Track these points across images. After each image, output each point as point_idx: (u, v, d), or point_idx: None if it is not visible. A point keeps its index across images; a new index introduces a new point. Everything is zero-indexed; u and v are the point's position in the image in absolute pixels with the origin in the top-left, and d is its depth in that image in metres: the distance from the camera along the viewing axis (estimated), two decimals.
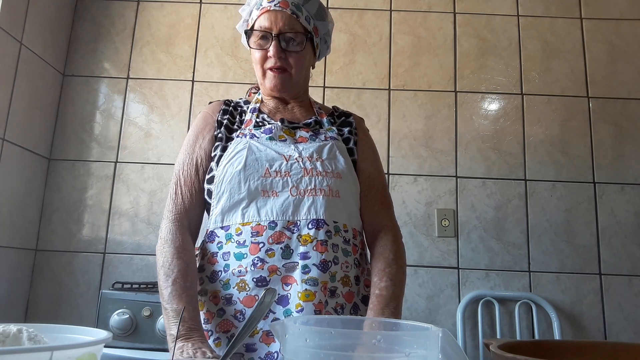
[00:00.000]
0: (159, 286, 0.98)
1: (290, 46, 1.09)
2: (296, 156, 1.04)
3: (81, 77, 2.26)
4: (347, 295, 1.01)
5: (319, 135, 1.11)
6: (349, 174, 1.07)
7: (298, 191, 1.01)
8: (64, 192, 2.15)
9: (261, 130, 1.08)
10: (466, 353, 1.88)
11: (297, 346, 0.45)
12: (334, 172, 1.04)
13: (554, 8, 2.31)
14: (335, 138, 1.11)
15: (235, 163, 1.02)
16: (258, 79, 1.14)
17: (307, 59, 1.14)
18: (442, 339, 0.46)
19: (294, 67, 1.10)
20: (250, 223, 0.99)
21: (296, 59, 1.10)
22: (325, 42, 1.22)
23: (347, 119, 1.20)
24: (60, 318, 2.02)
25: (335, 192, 1.02)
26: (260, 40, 1.10)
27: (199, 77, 2.26)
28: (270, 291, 0.70)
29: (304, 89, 1.20)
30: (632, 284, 2.05)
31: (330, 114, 1.21)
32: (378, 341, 0.42)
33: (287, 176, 1.01)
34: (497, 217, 2.11)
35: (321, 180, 1.02)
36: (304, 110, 1.18)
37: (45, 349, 0.42)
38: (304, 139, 1.09)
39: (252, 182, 1.00)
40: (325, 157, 1.06)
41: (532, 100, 2.23)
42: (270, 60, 1.09)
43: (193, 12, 2.33)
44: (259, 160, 1.02)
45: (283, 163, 1.03)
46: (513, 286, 2.06)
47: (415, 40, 2.29)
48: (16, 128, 1.94)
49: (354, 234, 1.06)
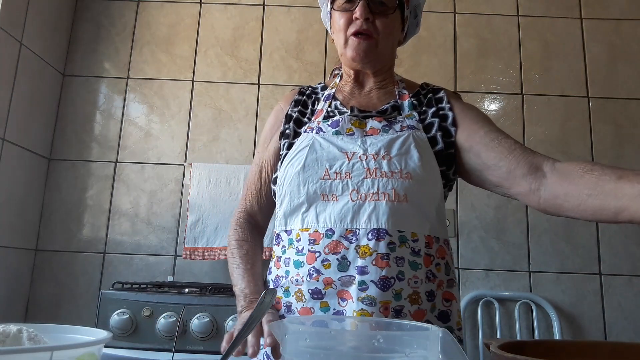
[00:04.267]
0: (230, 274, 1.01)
1: (379, 9, 0.98)
2: (360, 154, 0.92)
3: (81, 77, 2.26)
4: (417, 314, 0.87)
5: (394, 125, 0.96)
6: (424, 173, 0.91)
7: (359, 195, 0.89)
8: (64, 192, 2.15)
9: (329, 122, 0.98)
10: (466, 353, 1.88)
11: (297, 346, 0.45)
12: (402, 172, 0.90)
13: (554, 8, 2.31)
14: (413, 127, 0.96)
15: (296, 163, 0.94)
16: (339, 49, 1.02)
17: (396, 27, 1.02)
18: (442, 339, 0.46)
19: (381, 33, 0.98)
20: (309, 229, 0.90)
21: (385, 23, 0.98)
22: (415, 17, 1.09)
23: (435, 96, 1.05)
24: (60, 318, 2.02)
25: (402, 197, 0.88)
26: (345, 4, 0.99)
27: (199, 77, 2.26)
28: (271, 291, 0.70)
29: (389, 65, 1.07)
30: (632, 284, 2.05)
31: (416, 93, 1.06)
32: (378, 341, 0.42)
33: (348, 178, 0.90)
34: (497, 217, 2.11)
35: (386, 182, 0.89)
36: (383, 94, 1.05)
37: (45, 349, 0.42)
38: (375, 130, 0.96)
39: (311, 185, 0.91)
40: (395, 153, 0.91)
41: (532, 100, 2.23)
42: (355, 24, 0.97)
43: (193, 12, 2.33)
44: (319, 160, 0.93)
45: (344, 163, 0.92)
46: (513, 286, 2.06)
47: (416, 40, 2.27)
48: (16, 128, 1.94)
49: (427, 243, 0.89)
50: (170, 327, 1.53)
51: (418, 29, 1.12)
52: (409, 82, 1.11)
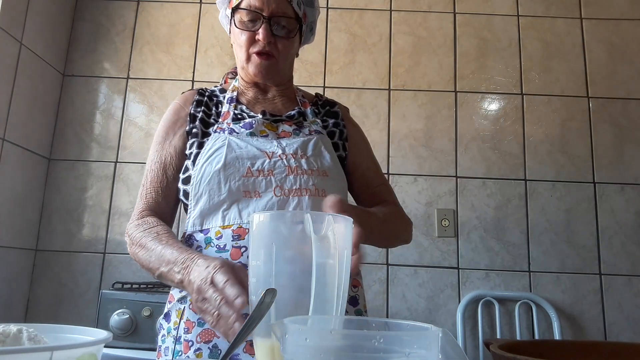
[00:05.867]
0: (148, 268, 0.92)
1: (280, 31, 1.02)
2: (279, 153, 0.97)
3: (81, 77, 2.26)
4: None
5: (303, 129, 1.05)
6: (336, 171, 1.02)
7: (282, 191, 0.94)
8: (64, 192, 2.15)
9: (240, 124, 1.01)
10: (466, 353, 1.88)
11: (297, 346, 0.45)
12: (319, 169, 0.98)
13: (554, 8, 2.31)
14: (319, 132, 1.06)
15: (214, 162, 0.95)
16: (239, 62, 1.07)
17: (295, 47, 1.08)
18: (442, 339, 0.46)
19: (282, 54, 1.03)
20: (232, 226, 0.92)
21: (285, 45, 1.03)
22: (310, 30, 1.15)
23: (332, 109, 1.15)
24: (60, 318, 2.02)
25: (321, 192, 0.96)
26: (247, 21, 1.02)
27: (199, 77, 2.26)
28: (270, 291, 0.69)
29: (289, 77, 1.13)
30: (632, 284, 2.05)
31: (314, 103, 1.15)
32: (378, 341, 0.42)
33: (271, 175, 0.95)
34: (497, 217, 2.11)
35: (307, 179, 0.95)
36: (286, 100, 1.11)
37: (45, 349, 0.42)
38: (287, 133, 1.03)
39: (233, 183, 0.93)
40: (310, 153, 0.99)
41: (532, 100, 2.23)
42: (257, 44, 1.01)
43: (193, 12, 2.33)
44: (239, 159, 0.95)
45: (266, 161, 0.96)
46: (513, 286, 2.06)
47: (415, 40, 2.29)
48: (16, 128, 1.94)
49: None
50: None
51: (313, 38, 1.19)
52: (305, 92, 1.19)
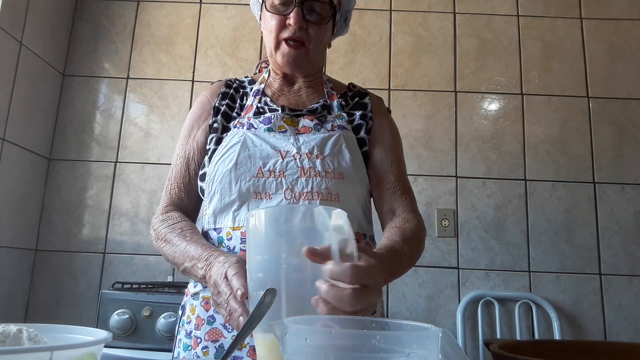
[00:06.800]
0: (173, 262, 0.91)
1: (313, 16, 0.96)
2: (294, 152, 0.92)
3: (81, 77, 2.26)
4: None
5: (325, 124, 0.98)
6: (354, 173, 0.95)
7: (293, 194, 0.89)
8: (64, 192, 2.15)
9: (260, 119, 0.97)
10: (466, 353, 1.88)
11: (297, 346, 0.45)
12: (335, 171, 0.92)
13: (554, 8, 2.31)
14: (343, 127, 0.98)
15: (227, 160, 0.92)
16: (268, 49, 1.01)
17: (327, 35, 1.02)
18: (442, 339, 0.46)
19: (313, 41, 0.97)
20: (241, 228, 0.89)
21: (317, 32, 0.97)
22: (345, 20, 1.09)
23: (361, 100, 1.07)
24: (60, 318, 2.02)
25: (334, 196, 0.90)
26: (279, 4, 0.97)
27: (199, 77, 2.26)
28: (271, 291, 0.69)
29: (319, 68, 1.07)
30: (632, 284, 2.05)
31: (344, 94, 1.08)
32: (378, 341, 0.42)
33: (282, 176, 0.90)
34: (497, 217, 2.11)
35: (320, 181, 0.90)
36: (312, 92, 1.05)
37: (45, 349, 0.42)
38: (307, 129, 0.97)
39: (244, 183, 0.90)
40: (328, 152, 0.93)
41: (532, 100, 2.23)
42: (288, 30, 0.96)
43: (193, 12, 2.33)
44: (252, 158, 0.92)
45: (278, 161, 0.91)
46: (513, 286, 2.06)
47: (415, 40, 2.29)
48: (16, 128, 1.94)
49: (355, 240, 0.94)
50: (170, 327, 1.53)
51: (347, 30, 1.13)
52: (336, 82, 1.13)
